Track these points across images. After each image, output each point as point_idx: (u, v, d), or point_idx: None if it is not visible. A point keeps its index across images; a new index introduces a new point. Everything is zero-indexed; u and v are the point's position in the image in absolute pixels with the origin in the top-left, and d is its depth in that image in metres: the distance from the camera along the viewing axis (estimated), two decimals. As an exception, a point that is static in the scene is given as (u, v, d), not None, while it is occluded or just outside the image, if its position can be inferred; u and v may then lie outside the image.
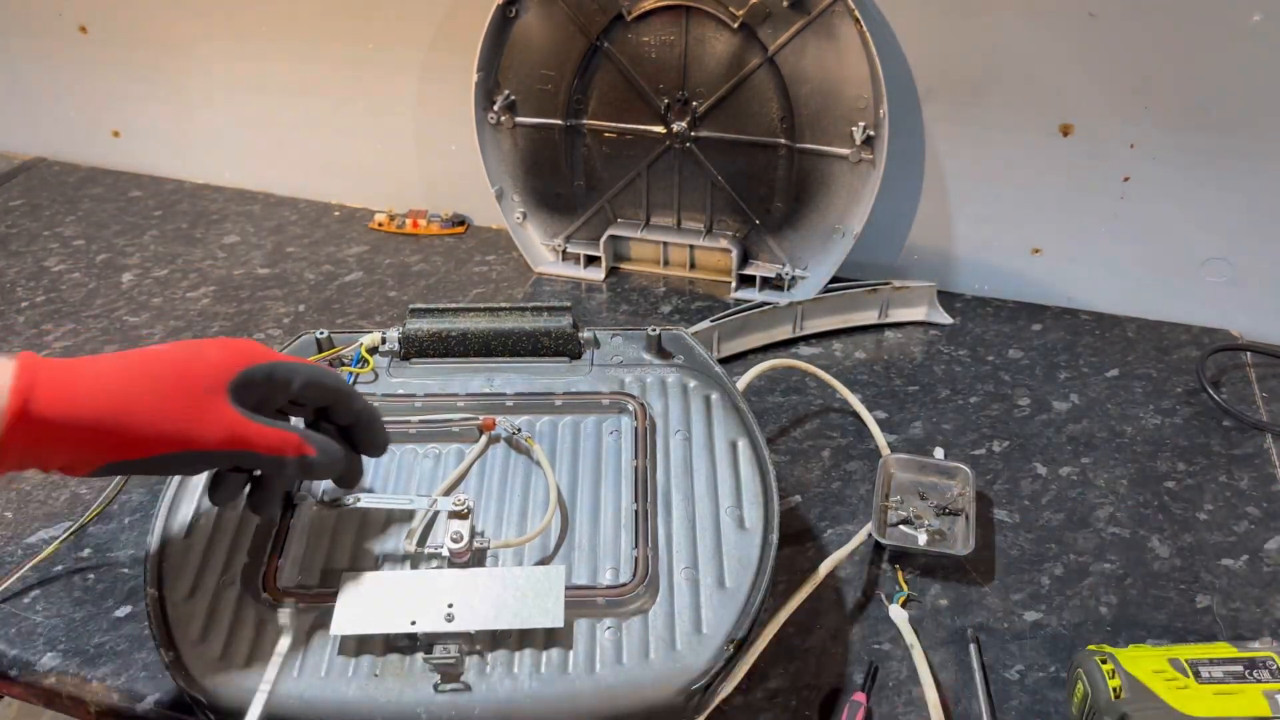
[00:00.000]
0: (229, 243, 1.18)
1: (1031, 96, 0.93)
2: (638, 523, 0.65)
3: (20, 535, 0.78)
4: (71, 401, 0.49)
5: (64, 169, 1.35)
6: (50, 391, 0.49)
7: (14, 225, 1.22)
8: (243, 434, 0.53)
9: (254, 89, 1.20)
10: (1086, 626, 0.71)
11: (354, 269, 1.13)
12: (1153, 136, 0.92)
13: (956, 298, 1.06)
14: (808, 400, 0.92)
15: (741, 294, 1.06)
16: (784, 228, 1.04)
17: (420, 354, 0.79)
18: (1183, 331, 1.01)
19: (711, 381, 0.76)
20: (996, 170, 0.98)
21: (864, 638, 0.70)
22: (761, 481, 0.69)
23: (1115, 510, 0.80)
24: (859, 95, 0.93)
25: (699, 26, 0.95)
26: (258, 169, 1.28)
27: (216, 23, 1.17)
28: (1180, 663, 0.60)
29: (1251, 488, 0.82)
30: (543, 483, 0.69)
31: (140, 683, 0.66)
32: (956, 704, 0.66)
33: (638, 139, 1.03)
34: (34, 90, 1.32)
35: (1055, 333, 1.01)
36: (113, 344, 1.01)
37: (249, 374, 0.54)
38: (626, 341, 0.80)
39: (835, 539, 0.78)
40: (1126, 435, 0.88)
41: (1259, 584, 0.74)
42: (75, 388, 0.50)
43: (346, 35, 1.12)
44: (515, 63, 1.02)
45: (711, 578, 0.62)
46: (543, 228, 1.12)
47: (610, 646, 0.59)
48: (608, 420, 0.74)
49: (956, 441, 0.87)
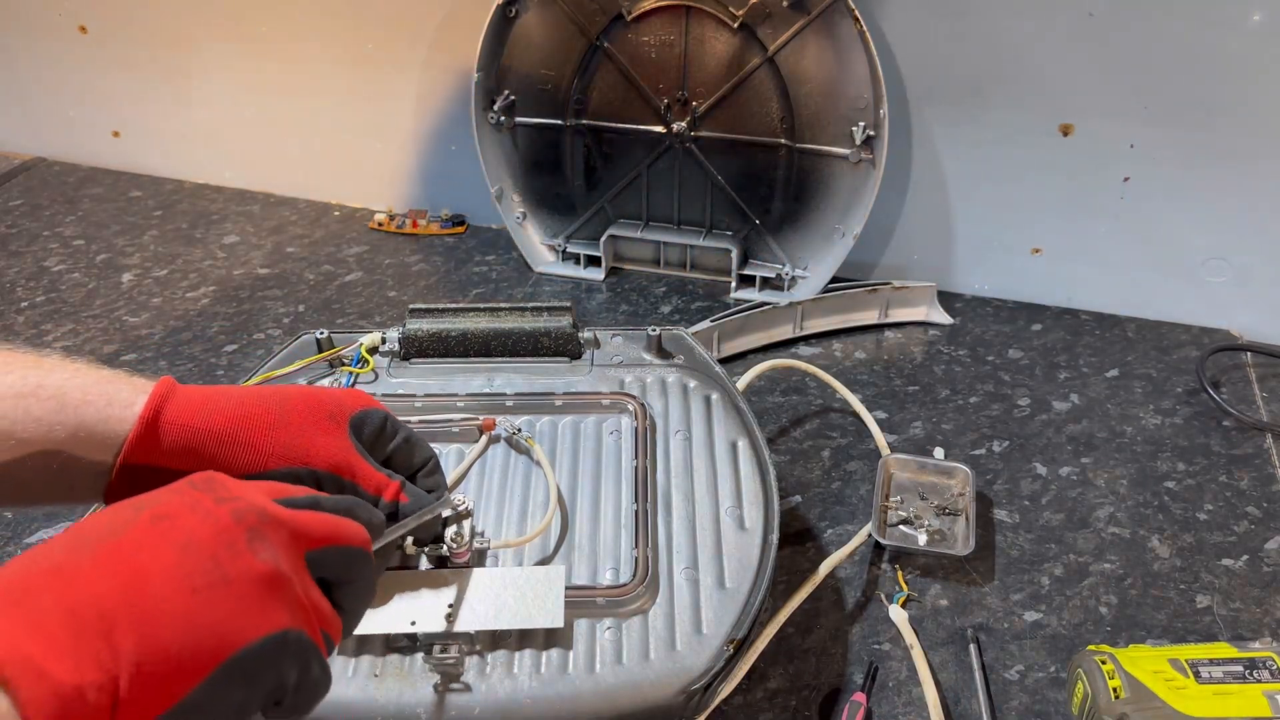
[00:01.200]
0: (229, 243, 1.18)
1: (1031, 96, 0.93)
2: (638, 523, 0.65)
3: (20, 535, 0.78)
4: (203, 408, 0.51)
5: (64, 169, 1.35)
6: (182, 402, 0.51)
7: (14, 225, 1.22)
8: (352, 463, 0.54)
9: (254, 89, 1.20)
10: (1086, 626, 0.71)
11: (354, 269, 1.13)
12: (1153, 136, 0.92)
13: (956, 298, 1.06)
14: (808, 400, 0.92)
15: (741, 294, 1.06)
16: (784, 228, 1.04)
17: (420, 354, 0.78)
18: (1183, 331, 1.01)
19: (712, 381, 0.76)
20: (996, 170, 0.99)
21: (864, 638, 0.70)
22: (762, 481, 0.69)
23: (1115, 510, 0.80)
24: (859, 95, 0.93)
25: (699, 26, 0.95)
26: (258, 169, 1.28)
27: (216, 23, 1.17)
28: (1180, 663, 0.60)
29: (1251, 488, 0.82)
30: (543, 483, 0.69)
31: (140, 683, 0.66)
32: (956, 704, 0.66)
33: (638, 139, 1.03)
34: (34, 90, 1.32)
35: (1055, 333, 1.01)
36: (112, 344, 1.01)
37: (369, 414, 0.55)
38: (627, 341, 0.80)
39: (835, 539, 0.78)
40: (1126, 435, 0.88)
41: (1259, 584, 0.74)
42: (208, 400, 0.52)
43: (346, 35, 1.12)
44: (515, 63, 1.02)
45: (711, 578, 0.62)
46: (543, 228, 1.12)
47: (610, 647, 0.59)
48: (608, 420, 0.74)
49: (956, 441, 0.87)
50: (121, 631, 0.35)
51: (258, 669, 0.39)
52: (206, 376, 0.96)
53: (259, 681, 0.39)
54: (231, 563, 0.39)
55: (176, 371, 0.97)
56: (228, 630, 0.38)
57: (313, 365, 0.77)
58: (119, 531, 0.38)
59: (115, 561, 0.37)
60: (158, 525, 0.39)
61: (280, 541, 0.42)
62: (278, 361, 0.77)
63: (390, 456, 0.56)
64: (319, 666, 0.43)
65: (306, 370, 0.76)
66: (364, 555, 0.46)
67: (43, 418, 0.49)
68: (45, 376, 0.49)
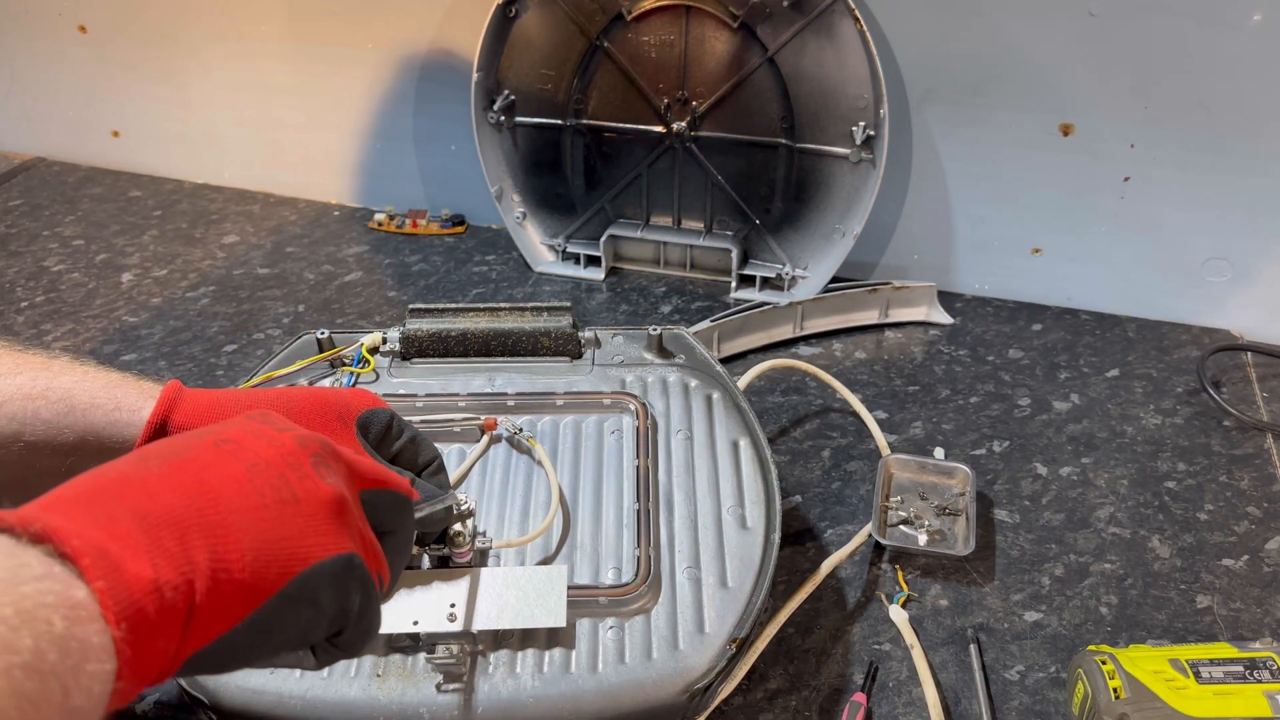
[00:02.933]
0: (229, 243, 1.18)
1: (1031, 96, 0.93)
2: (640, 522, 0.65)
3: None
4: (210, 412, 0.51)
5: (64, 169, 1.35)
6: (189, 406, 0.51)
7: (14, 225, 1.22)
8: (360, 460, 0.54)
9: (254, 89, 1.20)
10: (1087, 627, 0.71)
11: (353, 269, 1.13)
12: (1153, 136, 0.92)
13: (956, 298, 1.06)
14: (808, 400, 0.92)
15: (741, 294, 1.06)
16: (784, 228, 1.04)
17: (420, 354, 0.79)
18: (1183, 331, 1.01)
19: (713, 381, 0.76)
20: (996, 170, 0.99)
21: (864, 638, 0.70)
22: (763, 481, 0.69)
23: (1115, 510, 0.80)
24: (859, 95, 0.93)
25: (699, 26, 0.95)
26: (258, 169, 1.28)
27: (216, 23, 1.17)
28: (1180, 663, 0.60)
29: (1252, 488, 0.82)
30: (544, 482, 0.69)
31: (141, 683, 0.66)
32: (956, 704, 0.66)
33: (638, 139, 1.03)
34: (34, 90, 1.32)
35: (1055, 333, 1.01)
36: (112, 344, 1.01)
37: (374, 413, 0.55)
38: (627, 341, 0.80)
39: (835, 539, 0.78)
40: (1127, 435, 0.88)
41: (1259, 584, 0.74)
42: (215, 403, 0.52)
43: (346, 35, 1.12)
44: (515, 63, 1.02)
45: (714, 577, 0.63)
46: (542, 227, 1.12)
47: (613, 646, 0.59)
48: (609, 420, 0.74)
49: (956, 441, 0.87)
50: (194, 539, 0.34)
51: (325, 589, 0.38)
52: (206, 376, 0.96)
53: (325, 603, 0.38)
54: (299, 483, 0.39)
55: (176, 372, 0.97)
56: (298, 547, 0.37)
57: (314, 365, 0.77)
58: (183, 452, 0.38)
59: (183, 476, 0.36)
60: (223, 447, 0.39)
61: (341, 472, 0.42)
62: (279, 361, 0.77)
63: (396, 455, 0.56)
64: (374, 603, 0.42)
65: (307, 370, 0.76)
66: (409, 503, 0.47)
67: (51, 420, 0.49)
68: (54, 379, 0.50)
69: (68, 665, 0.28)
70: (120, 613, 0.31)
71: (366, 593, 0.41)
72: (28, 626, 0.28)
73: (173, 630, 0.33)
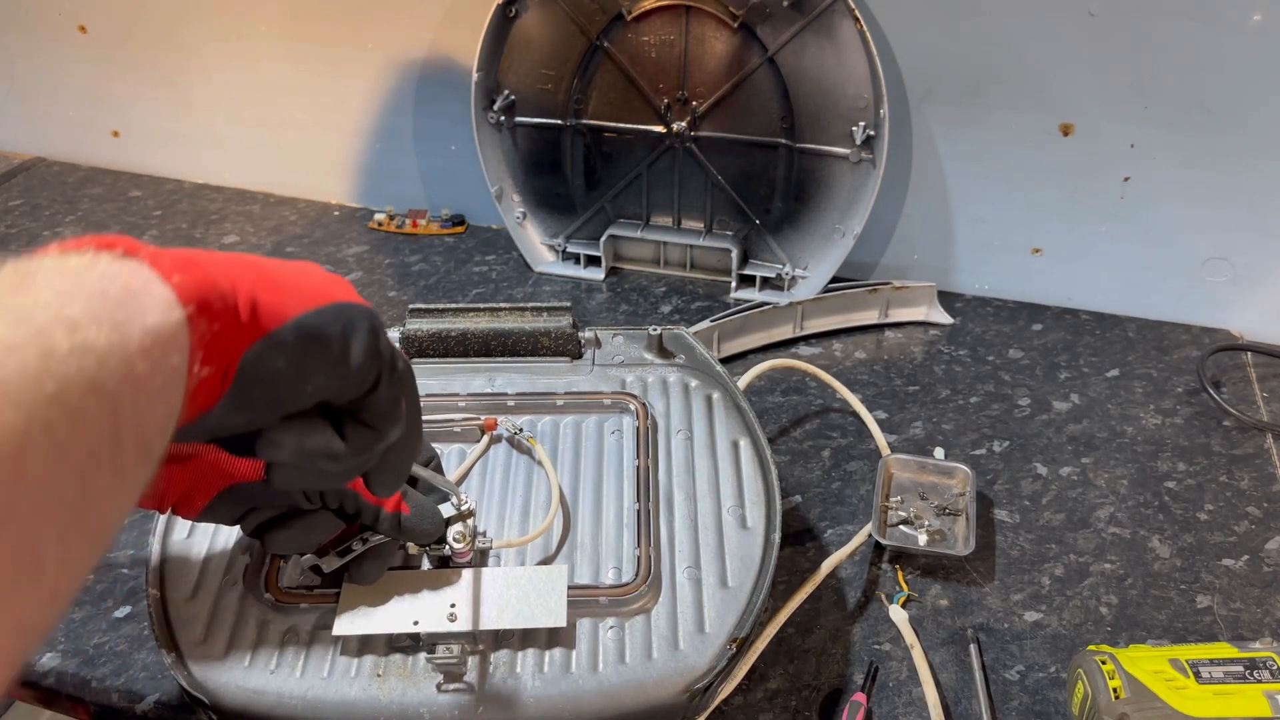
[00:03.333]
0: (229, 243, 1.18)
1: (1031, 96, 0.93)
2: (640, 522, 0.65)
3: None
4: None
5: (63, 169, 1.35)
6: None
7: (14, 225, 1.22)
8: None
9: (254, 89, 1.20)
10: (1087, 627, 0.71)
11: (354, 269, 1.13)
12: (1153, 136, 0.92)
13: (956, 298, 1.06)
14: (808, 400, 0.92)
15: (741, 294, 1.06)
16: (784, 228, 1.04)
17: (420, 354, 0.79)
18: (1183, 331, 1.01)
19: (713, 381, 0.76)
20: (996, 170, 0.99)
21: (864, 638, 0.70)
22: (763, 481, 0.69)
23: (1115, 510, 0.81)
24: (859, 95, 0.93)
25: (699, 26, 0.95)
26: (258, 169, 1.27)
27: (216, 23, 1.16)
28: (1180, 663, 0.60)
29: (1252, 488, 0.82)
30: (545, 482, 0.69)
31: (140, 683, 0.66)
32: (956, 704, 0.66)
33: (638, 139, 1.03)
34: (34, 90, 1.31)
35: (1055, 333, 1.01)
36: (113, 344, 1.01)
37: None
38: (627, 341, 0.80)
39: (835, 539, 0.78)
40: (1127, 435, 0.88)
41: (1259, 584, 0.74)
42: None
43: (346, 35, 1.12)
44: (515, 63, 1.02)
45: (714, 577, 0.63)
46: (542, 227, 1.12)
47: (613, 646, 0.59)
48: (609, 420, 0.74)
49: (956, 441, 0.87)
50: (239, 269, 0.41)
51: (351, 323, 0.44)
52: (207, 376, 0.96)
53: (349, 342, 0.44)
54: (329, 274, 0.46)
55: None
56: (328, 290, 0.44)
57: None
58: None
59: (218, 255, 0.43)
60: None
61: None
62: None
63: None
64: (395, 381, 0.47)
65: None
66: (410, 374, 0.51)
67: None
68: None
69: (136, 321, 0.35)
70: (189, 297, 0.38)
71: (391, 359, 0.46)
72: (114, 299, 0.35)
73: (230, 321, 0.40)
